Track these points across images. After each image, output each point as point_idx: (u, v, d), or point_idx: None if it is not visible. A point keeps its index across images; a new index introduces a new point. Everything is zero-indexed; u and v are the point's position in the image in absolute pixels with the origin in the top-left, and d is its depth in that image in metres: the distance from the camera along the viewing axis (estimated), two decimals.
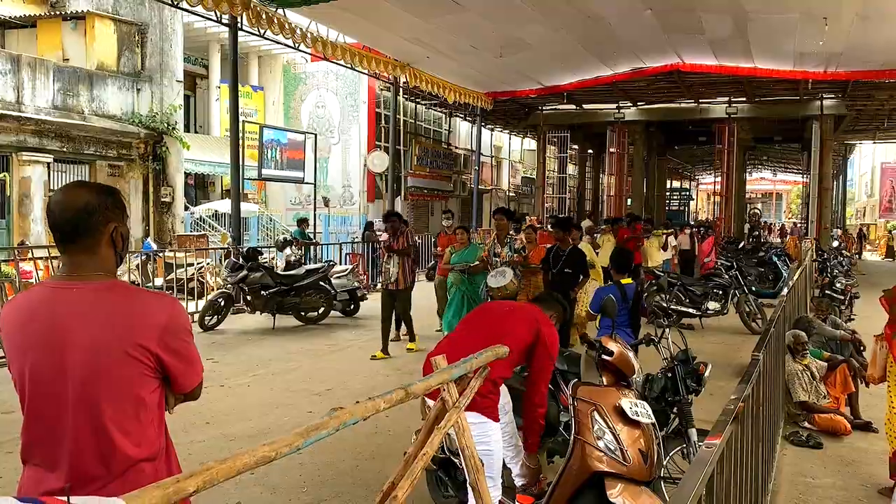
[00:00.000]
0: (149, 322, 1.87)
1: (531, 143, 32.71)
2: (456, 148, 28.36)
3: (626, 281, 5.67)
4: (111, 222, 1.93)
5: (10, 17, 17.70)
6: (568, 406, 3.84)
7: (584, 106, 24.27)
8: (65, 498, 1.17)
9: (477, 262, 8.53)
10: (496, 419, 3.49)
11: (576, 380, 3.68)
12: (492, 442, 3.42)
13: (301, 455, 5.19)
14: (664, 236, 14.03)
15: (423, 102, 24.15)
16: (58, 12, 18.01)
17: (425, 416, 4.00)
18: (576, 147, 29.44)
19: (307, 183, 19.63)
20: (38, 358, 1.85)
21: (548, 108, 24.74)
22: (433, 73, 15.48)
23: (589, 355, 3.69)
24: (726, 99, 22.45)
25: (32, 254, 10.34)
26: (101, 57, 17.10)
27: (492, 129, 29.86)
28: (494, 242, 8.95)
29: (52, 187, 15.92)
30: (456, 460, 3.88)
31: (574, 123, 25.51)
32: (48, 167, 15.74)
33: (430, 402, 3.39)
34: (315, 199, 19.71)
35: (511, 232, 10.07)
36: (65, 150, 15.82)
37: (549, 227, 12.58)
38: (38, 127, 15.20)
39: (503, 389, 3.77)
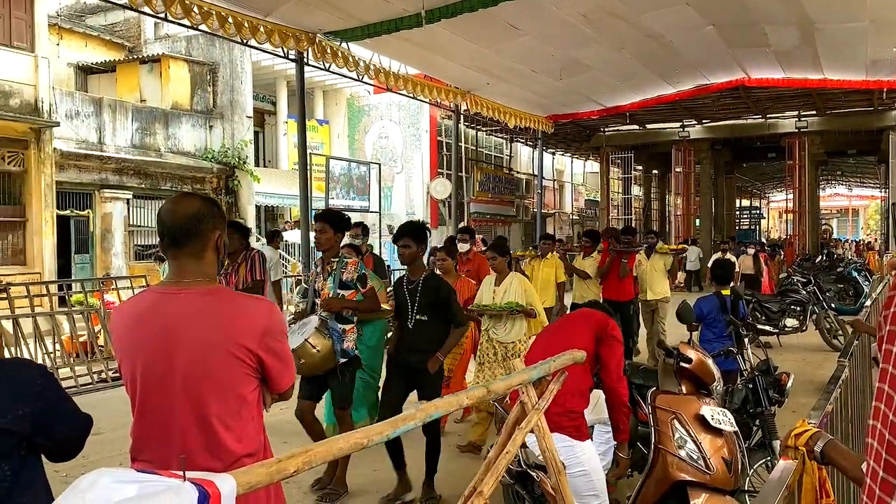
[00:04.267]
0: (251, 324, 1.98)
1: (594, 166, 32.48)
2: (518, 173, 28.42)
3: (726, 292, 5.59)
4: (216, 230, 2.06)
5: (92, 64, 18.76)
6: (646, 420, 3.78)
7: (647, 126, 24.01)
8: (180, 472, 1.24)
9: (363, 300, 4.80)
10: (583, 438, 3.40)
11: (654, 388, 3.63)
12: (584, 461, 3.33)
13: (376, 472, 5.26)
14: (672, 255, 9.45)
15: (484, 129, 24.36)
16: (135, 56, 19.01)
17: (499, 430, 4.00)
18: (640, 167, 29.11)
19: (372, 212, 19.98)
20: (149, 358, 1.96)
21: (610, 129, 24.57)
22: (493, 99, 15.61)
23: (667, 363, 3.64)
24: (795, 113, 21.84)
25: (116, 285, 10.81)
26: (175, 97, 17.92)
27: (553, 153, 29.81)
28: (316, 274, 4.99)
29: (131, 223, 16.67)
30: (533, 473, 3.86)
31: (637, 144, 25.23)
32: (128, 203, 16.50)
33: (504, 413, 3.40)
34: (380, 227, 20.02)
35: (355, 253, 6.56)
36: (143, 186, 16.56)
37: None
38: (119, 165, 15.99)
39: (597, 393, 3.72)
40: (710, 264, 5.99)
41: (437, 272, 5.81)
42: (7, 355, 7.52)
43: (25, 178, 14.10)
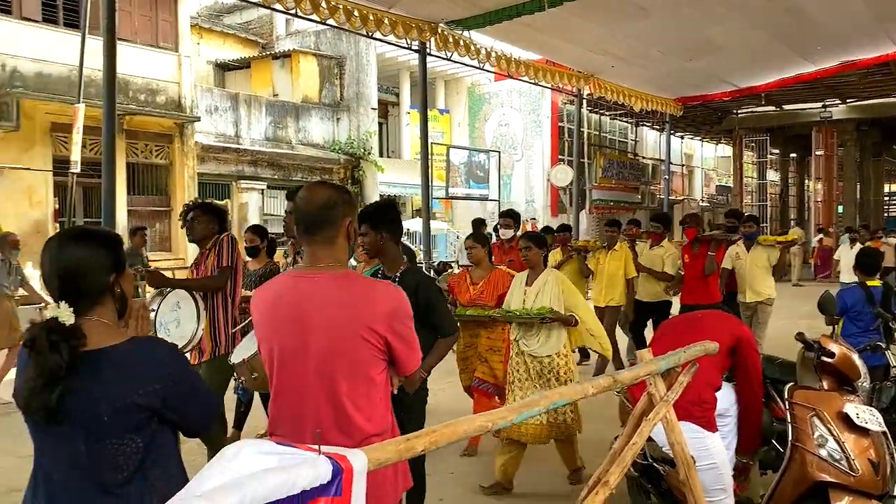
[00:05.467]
0: (379, 308, 2.05)
1: (726, 150, 31.02)
2: (643, 158, 27.59)
3: (874, 283, 5.17)
4: (347, 217, 2.15)
5: (229, 61, 19.87)
6: (782, 416, 3.59)
7: (785, 107, 22.66)
8: (316, 446, 1.30)
9: None
10: (714, 429, 3.30)
11: (791, 383, 3.43)
12: (714, 454, 3.22)
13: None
14: (780, 247, 7.37)
15: (608, 113, 23.80)
16: (268, 52, 19.95)
17: (623, 422, 3.92)
18: (776, 151, 27.53)
19: (491, 200, 20.03)
20: (285, 338, 2.07)
21: (743, 110, 23.37)
22: (618, 82, 15.22)
23: (806, 357, 3.43)
24: None
25: None
26: (305, 90, 18.67)
27: (682, 137, 28.70)
28: (287, 265, 4.49)
29: (266, 212, 17.56)
30: (659, 467, 3.76)
31: (773, 126, 23.89)
32: (262, 193, 17.39)
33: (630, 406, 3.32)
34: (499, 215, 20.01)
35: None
36: (276, 177, 17.40)
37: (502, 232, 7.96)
38: (254, 157, 16.88)
39: (726, 389, 3.59)
40: (857, 254, 5.47)
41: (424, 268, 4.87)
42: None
43: (170, 170, 15.18)
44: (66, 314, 1.70)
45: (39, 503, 1.77)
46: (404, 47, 12.73)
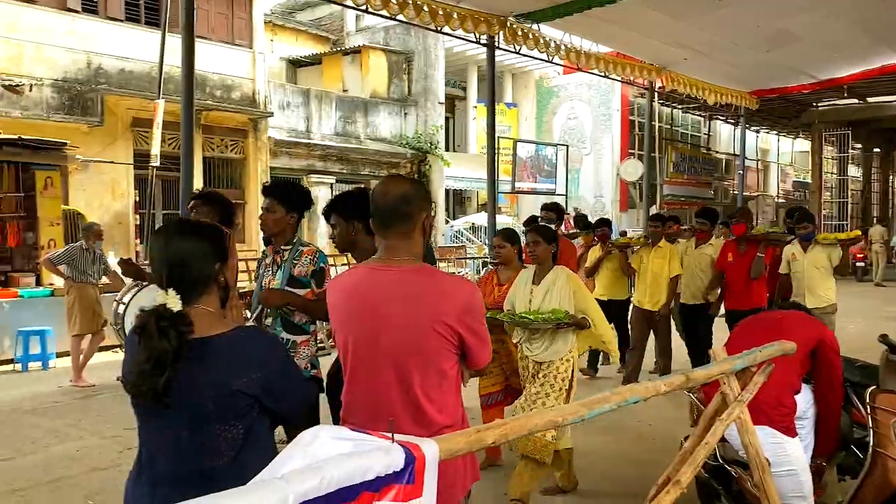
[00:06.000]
0: (453, 302, 2.07)
1: (804, 144, 29.89)
2: (717, 153, 26.85)
3: None
4: (423, 211, 2.16)
5: (301, 57, 20.27)
6: (863, 421, 3.46)
7: (868, 99, 21.64)
8: (389, 434, 1.33)
9: None
10: (793, 434, 3.20)
11: (874, 386, 3.30)
12: (793, 460, 3.12)
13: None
14: (840, 245, 6.33)
15: (680, 106, 23.25)
16: (338, 49, 20.26)
17: (693, 422, 3.84)
18: (858, 146, 26.36)
19: (559, 194, 19.83)
20: (358, 329, 2.11)
21: (823, 104, 22.43)
22: (691, 75, 14.87)
23: (890, 360, 3.29)
24: None
25: None
26: (374, 86, 18.89)
27: (757, 131, 27.79)
28: (265, 267, 3.76)
29: None
30: (729, 469, 3.67)
31: (855, 119, 22.84)
32: (331, 188, 17.68)
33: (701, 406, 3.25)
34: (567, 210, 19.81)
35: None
36: (345, 171, 17.69)
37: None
38: (324, 152, 17.19)
39: (804, 390, 3.49)
40: None
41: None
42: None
43: (244, 164, 15.60)
44: (173, 300, 1.77)
45: (143, 487, 1.85)
46: (473, 41, 12.73)
